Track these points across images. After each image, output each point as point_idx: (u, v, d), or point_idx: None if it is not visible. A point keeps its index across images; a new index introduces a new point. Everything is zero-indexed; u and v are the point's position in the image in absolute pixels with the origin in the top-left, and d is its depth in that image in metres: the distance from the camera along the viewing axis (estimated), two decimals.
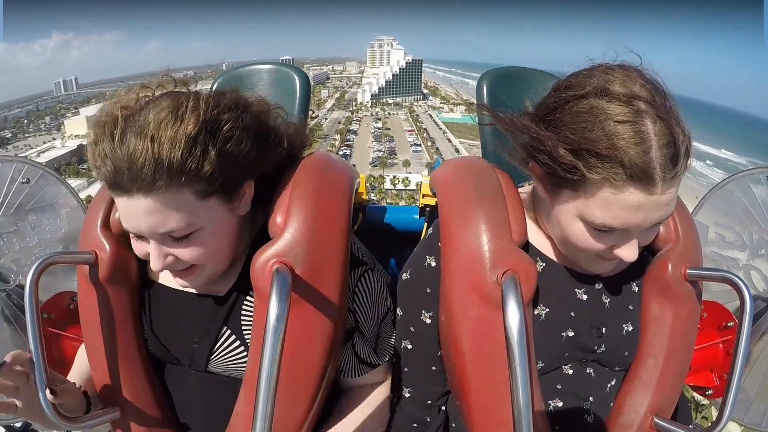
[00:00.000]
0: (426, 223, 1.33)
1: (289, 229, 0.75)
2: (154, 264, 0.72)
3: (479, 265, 0.76)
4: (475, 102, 1.09)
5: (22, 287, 1.15)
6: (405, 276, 0.91)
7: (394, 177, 76.38)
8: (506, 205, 0.80)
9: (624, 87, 0.64)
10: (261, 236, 0.82)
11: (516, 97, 0.87)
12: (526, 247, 0.82)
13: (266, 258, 0.74)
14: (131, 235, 0.75)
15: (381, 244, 1.17)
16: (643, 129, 0.61)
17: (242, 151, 0.72)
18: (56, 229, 1.24)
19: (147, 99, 0.71)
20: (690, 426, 0.85)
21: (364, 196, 1.25)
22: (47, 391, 0.72)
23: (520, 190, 0.88)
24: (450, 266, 0.80)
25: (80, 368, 0.94)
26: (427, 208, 1.29)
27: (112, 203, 0.85)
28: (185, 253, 0.73)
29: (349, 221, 0.81)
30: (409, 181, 74.29)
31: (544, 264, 0.83)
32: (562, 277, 0.83)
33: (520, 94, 0.87)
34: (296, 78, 1.23)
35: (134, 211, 0.67)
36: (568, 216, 0.71)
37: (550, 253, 0.84)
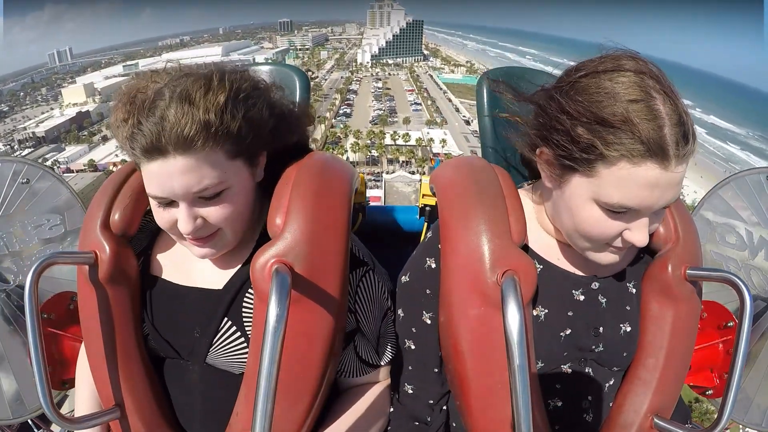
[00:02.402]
0: (426, 223, 1.33)
1: (288, 229, 0.75)
2: (184, 226, 0.75)
3: (479, 266, 0.76)
4: (475, 98, 1.10)
5: (22, 287, 1.15)
6: (405, 278, 0.91)
7: (395, 132, 76.29)
8: (506, 205, 0.80)
9: (635, 69, 0.66)
10: (262, 237, 0.82)
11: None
12: (525, 249, 0.82)
13: (266, 258, 0.74)
14: (155, 206, 0.77)
15: (381, 244, 1.17)
16: (655, 107, 0.64)
17: (262, 118, 0.79)
18: (56, 229, 1.25)
19: (167, 78, 0.75)
20: (690, 426, 0.85)
21: (363, 189, 1.25)
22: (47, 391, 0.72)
23: (519, 190, 0.88)
24: (450, 266, 0.80)
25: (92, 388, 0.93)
26: (427, 208, 1.29)
27: (111, 204, 0.85)
28: (214, 213, 0.76)
29: (348, 221, 0.81)
30: (409, 136, 74.51)
31: (541, 266, 0.83)
32: (559, 279, 0.84)
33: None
34: (296, 78, 1.23)
35: (169, 171, 0.71)
36: (581, 200, 0.71)
37: (547, 255, 0.85)
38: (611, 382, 0.87)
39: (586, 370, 0.84)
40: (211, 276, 0.86)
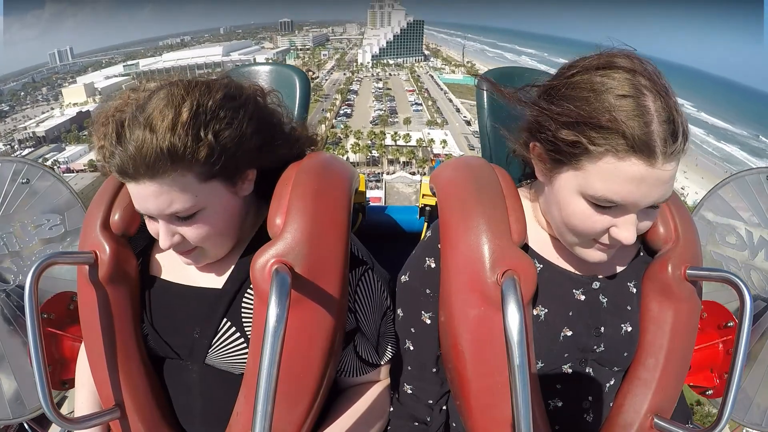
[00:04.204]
0: (426, 223, 1.33)
1: (288, 229, 0.75)
2: (163, 242, 0.76)
3: (479, 265, 0.76)
4: (475, 99, 1.11)
5: (22, 287, 1.15)
6: (404, 278, 0.91)
7: (395, 133, 76.52)
8: (506, 205, 0.80)
9: (628, 67, 0.66)
10: (261, 237, 0.82)
11: None
12: (525, 248, 0.82)
13: (266, 258, 0.74)
14: (145, 216, 0.79)
15: (381, 244, 1.17)
16: (644, 103, 0.63)
17: (242, 135, 0.75)
18: (56, 229, 1.25)
19: (146, 95, 0.75)
20: (690, 426, 0.85)
21: (363, 189, 1.25)
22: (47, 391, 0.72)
23: (519, 190, 0.88)
24: (450, 266, 0.80)
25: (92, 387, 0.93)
26: (427, 208, 1.29)
27: (111, 204, 0.85)
28: (190, 232, 0.76)
29: (348, 221, 0.81)
30: (410, 137, 74.88)
31: (541, 265, 0.83)
32: (559, 278, 0.84)
33: None
34: (296, 78, 1.23)
35: (143, 194, 0.73)
36: (569, 193, 0.71)
37: (547, 254, 0.85)
38: (612, 382, 0.86)
39: (587, 371, 0.84)
40: (210, 276, 0.87)
